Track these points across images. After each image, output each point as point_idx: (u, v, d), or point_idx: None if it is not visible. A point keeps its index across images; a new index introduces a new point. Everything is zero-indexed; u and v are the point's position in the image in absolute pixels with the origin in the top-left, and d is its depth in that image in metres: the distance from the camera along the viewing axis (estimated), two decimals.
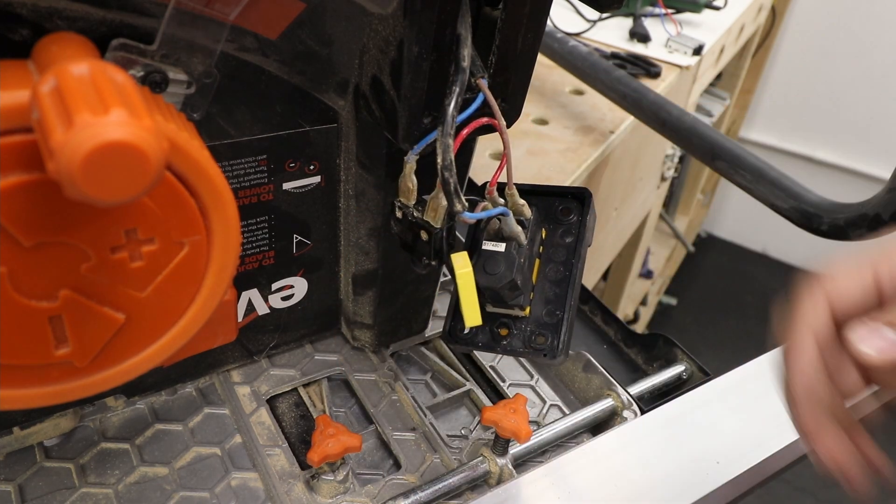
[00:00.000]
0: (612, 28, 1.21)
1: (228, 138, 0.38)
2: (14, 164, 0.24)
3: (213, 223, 0.29)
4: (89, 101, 0.21)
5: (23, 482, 0.43)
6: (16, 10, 0.28)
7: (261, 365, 0.53)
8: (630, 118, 0.91)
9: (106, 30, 0.30)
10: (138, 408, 0.49)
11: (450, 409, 0.53)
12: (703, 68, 1.21)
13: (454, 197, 0.33)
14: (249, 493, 0.44)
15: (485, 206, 0.38)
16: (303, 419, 0.50)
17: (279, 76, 0.37)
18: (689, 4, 1.25)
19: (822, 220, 0.61)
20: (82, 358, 0.29)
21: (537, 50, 0.37)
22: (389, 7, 0.33)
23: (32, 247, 0.26)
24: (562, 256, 0.42)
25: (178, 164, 0.27)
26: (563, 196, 0.43)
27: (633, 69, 1.04)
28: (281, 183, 0.42)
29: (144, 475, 0.45)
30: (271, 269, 0.47)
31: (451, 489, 0.45)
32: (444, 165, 0.32)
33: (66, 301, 0.27)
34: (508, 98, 0.38)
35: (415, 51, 0.33)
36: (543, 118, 0.93)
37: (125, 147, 0.21)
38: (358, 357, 0.55)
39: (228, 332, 0.38)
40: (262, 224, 0.44)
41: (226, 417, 0.49)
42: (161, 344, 0.31)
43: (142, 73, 0.30)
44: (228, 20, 0.31)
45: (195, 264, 0.30)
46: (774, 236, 2.29)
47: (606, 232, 1.06)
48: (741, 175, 0.67)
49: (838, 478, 0.30)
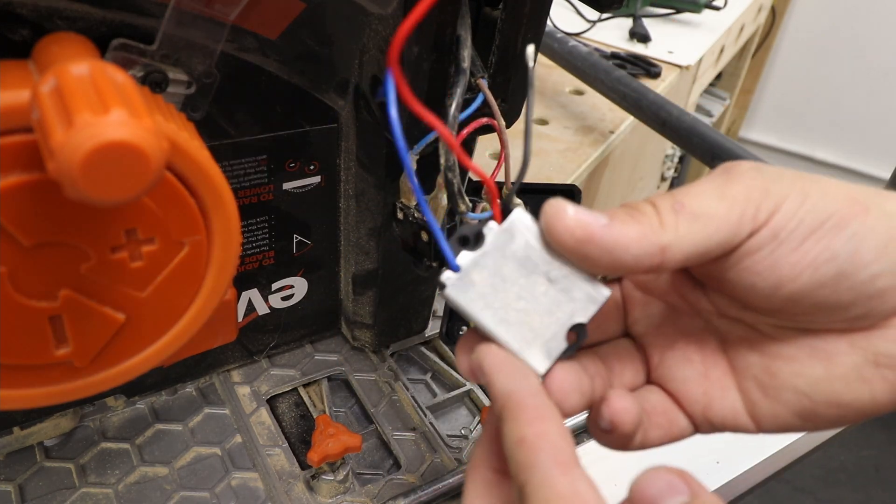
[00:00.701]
0: (612, 28, 1.21)
1: (228, 138, 0.38)
2: (14, 164, 0.24)
3: (214, 223, 0.29)
4: (89, 101, 0.21)
5: (23, 482, 0.43)
6: (16, 10, 0.28)
7: (261, 365, 0.53)
8: (630, 118, 0.91)
9: (106, 30, 0.30)
10: (138, 408, 0.49)
11: (450, 409, 0.53)
12: (703, 68, 1.21)
13: (458, 197, 0.33)
14: (249, 493, 0.44)
15: (483, 206, 0.38)
16: (303, 419, 0.50)
17: (279, 76, 0.37)
18: (689, 4, 1.25)
19: None
20: (82, 358, 0.29)
21: (537, 50, 0.37)
22: (389, 7, 0.33)
23: (32, 247, 0.26)
24: None
25: (179, 164, 0.27)
26: (552, 193, 0.43)
27: (633, 69, 1.04)
28: (281, 183, 0.42)
29: (144, 475, 0.45)
30: (271, 269, 0.47)
31: (451, 489, 0.45)
32: (447, 166, 0.32)
33: (67, 301, 0.27)
34: (508, 98, 0.38)
35: (415, 51, 0.33)
36: (543, 118, 0.93)
37: (125, 147, 0.21)
38: (358, 357, 0.55)
39: (228, 332, 0.38)
40: (262, 224, 0.44)
41: (226, 417, 0.49)
42: (161, 344, 0.31)
43: (142, 73, 0.30)
44: (228, 20, 0.31)
45: (195, 264, 0.30)
46: None
47: None
48: None
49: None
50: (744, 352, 0.29)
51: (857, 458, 1.70)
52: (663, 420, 0.29)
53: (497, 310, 0.26)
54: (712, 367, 0.29)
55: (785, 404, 0.27)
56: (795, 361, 0.27)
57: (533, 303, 0.26)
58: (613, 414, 0.27)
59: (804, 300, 0.25)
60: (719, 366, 0.29)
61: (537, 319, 0.27)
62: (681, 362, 0.30)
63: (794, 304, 0.26)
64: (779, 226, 0.25)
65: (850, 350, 0.26)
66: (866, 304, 0.25)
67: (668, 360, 0.30)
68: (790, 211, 0.25)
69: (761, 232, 0.25)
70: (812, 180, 0.26)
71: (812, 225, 0.25)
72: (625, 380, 0.30)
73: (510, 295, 0.26)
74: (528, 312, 0.26)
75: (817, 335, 0.27)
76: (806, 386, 0.27)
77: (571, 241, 0.25)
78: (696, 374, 0.29)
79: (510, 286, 0.26)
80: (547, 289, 0.26)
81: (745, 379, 0.28)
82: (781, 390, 0.27)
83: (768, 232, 0.25)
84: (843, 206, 0.25)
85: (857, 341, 0.26)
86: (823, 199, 0.25)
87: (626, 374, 0.30)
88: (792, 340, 0.27)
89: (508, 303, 0.26)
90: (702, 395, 0.29)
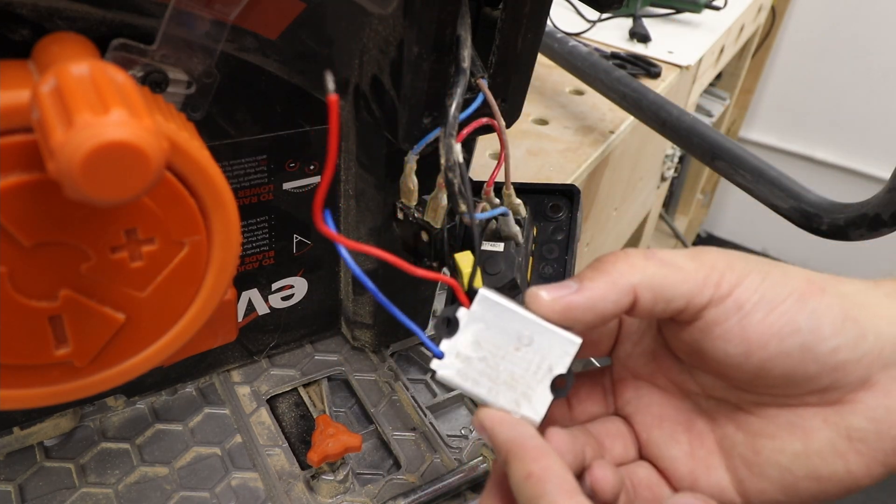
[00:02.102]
0: (612, 28, 1.21)
1: (228, 138, 0.38)
2: (14, 164, 0.24)
3: (214, 223, 0.29)
4: (89, 101, 0.21)
5: (23, 482, 0.43)
6: (16, 10, 0.28)
7: (261, 365, 0.53)
8: (630, 118, 0.91)
9: (106, 30, 0.30)
10: (138, 408, 0.49)
11: (450, 409, 0.53)
12: (703, 68, 1.21)
13: (459, 198, 0.33)
14: (249, 493, 0.44)
15: (483, 206, 0.38)
16: (303, 419, 0.50)
17: (279, 76, 0.37)
18: (689, 4, 1.25)
19: (822, 220, 0.61)
20: (82, 358, 0.29)
21: (537, 50, 0.37)
22: (389, 7, 0.33)
23: (32, 247, 0.26)
24: (554, 253, 0.42)
25: (179, 164, 0.27)
26: (551, 193, 0.43)
27: (633, 69, 1.04)
28: (281, 183, 0.42)
29: (144, 475, 0.45)
30: (271, 269, 0.47)
31: (451, 489, 0.45)
32: (447, 166, 0.32)
33: (66, 301, 0.27)
34: (508, 98, 0.38)
35: (415, 51, 0.33)
36: (543, 118, 0.93)
37: (125, 147, 0.21)
38: (358, 357, 0.55)
39: (228, 332, 0.38)
40: (262, 224, 0.44)
41: (226, 417, 0.49)
42: (161, 344, 0.31)
43: (142, 73, 0.30)
44: (228, 20, 0.31)
45: (195, 264, 0.30)
46: (774, 236, 2.29)
47: (606, 232, 1.06)
48: (741, 175, 0.67)
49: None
50: (730, 430, 0.31)
51: None
52: (648, 494, 0.31)
53: (485, 379, 0.29)
54: (699, 447, 0.32)
55: (770, 480, 0.30)
56: (777, 438, 0.29)
57: (515, 365, 0.29)
58: (594, 481, 0.29)
59: (774, 369, 0.28)
60: (706, 445, 0.32)
61: (522, 378, 0.29)
62: (668, 442, 0.32)
63: (766, 373, 0.28)
64: (742, 298, 0.27)
65: (824, 426, 0.28)
66: (830, 375, 0.28)
67: (657, 439, 0.32)
68: (752, 285, 0.28)
69: (726, 302, 0.28)
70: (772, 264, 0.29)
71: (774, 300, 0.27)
72: (615, 454, 0.32)
73: (493, 363, 0.29)
74: (513, 374, 0.29)
75: (793, 410, 0.29)
76: (787, 461, 0.29)
77: (557, 317, 0.28)
78: (682, 453, 0.32)
79: (491, 356, 0.29)
80: (524, 350, 0.29)
81: (733, 457, 0.31)
82: (765, 466, 0.30)
83: (733, 303, 0.28)
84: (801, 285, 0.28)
85: (829, 417, 0.28)
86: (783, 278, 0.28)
87: (616, 448, 0.33)
88: (772, 417, 0.30)
89: (493, 370, 0.29)
90: (688, 473, 0.31)
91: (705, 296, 0.28)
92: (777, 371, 0.28)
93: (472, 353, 0.29)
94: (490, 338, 0.29)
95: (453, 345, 0.29)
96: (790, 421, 0.29)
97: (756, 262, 0.29)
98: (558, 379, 0.29)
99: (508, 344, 0.29)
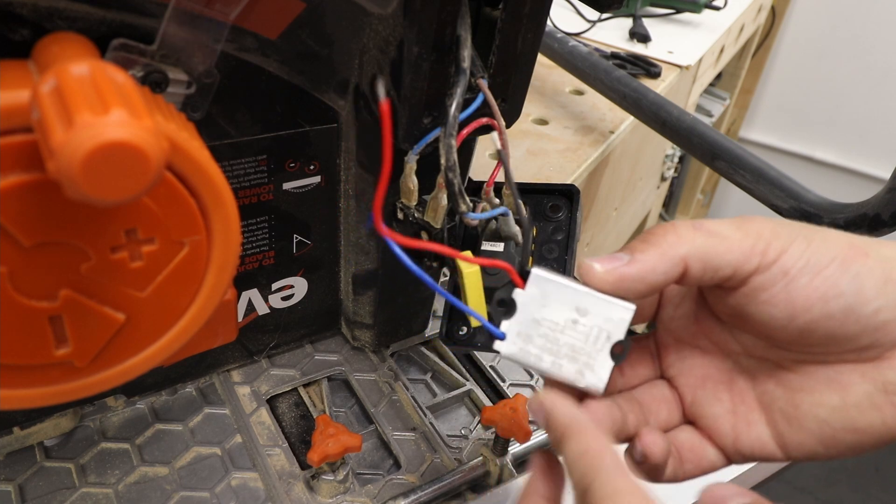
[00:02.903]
0: (612, 28, 1.21)
1: (228, 138, 0.38)
2: (14, 164, 0.24)
3: (214, 223, 0.29)
4: (89, 101, 0.21)
5: (23, 482, 0.43)
6: (16, 10, 0.28)
7: (261, 365, 0.53)
8: (630, 118, 0.92)
9: (106, 30, 0.30)
10: (138, 408, 0.49)
11: (450, 409, 0.53)
12: (703, 68, 1.21)
13: (459, 198, 0.33)
14: (249, 492, 0.44)
15: (483, 206, 0.38)
16: (303, 419, 0.50)
17: (279, 76, 0.37)
18: (689, 4, 1.25)
19: (822, 220, 0.61)
20: (82, 358, 0.29)
21: (537, 50, 0.37)
22: (389, 7, 0.33)
23: (32, 247, 0.26)
24: (554, 253, 0.42)
25: (179, 164, 0.27)
26: (551, 193, 0.43)
27: (633, 69, 1.04)
28: (281, 183, 0.42)
29: (144, 475, 0.45)
30: (271, 269, 0.47)
31: (451, 489, 0.45)
32: (447, 166, 0.32)
33: (66, 301, 0.27)
34: (508, 98, 0.38)
35: (415, 51, 0.33)
36: (543, 118, 0.93)
37: (125, 147, 0.21)
38: (358, 357, 0.55)
39: (228, 332, 0.38)
40: (262, 224, 0.44)
41: (226, 417, 0.49)
42: (161, 344, 0.31)
43: (142, 73, 0.30)
44: (228, 20, 0.31)
45: (195, 264, 0.30)
46: None
47: (606, 232, 1.06)
48: (741, 175, 0.67)
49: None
50: (770, 387, 0.32)
51: (857, 458, 1.70)
52: (692, 456, 0.33)
53: (547, 354, 0.31)
54: (740, 403, 0.33)
55: (808, 432, 0.31)
56: (815, 392, 0.31)
57: (573, 337, 0.31)
58: (644, 446, 0.31)
59: (817, 331, 0.29)
60: (746, 401, 0.33)
61: (582, 349, 0.31)
62: (711, 400, 0.33)
63: (808, 335, 0.29)
64: (788, 264, 0.28)
65: (862, 380, 0.29)
66: (872, 335, 0.28)
67: (700, 399, 0.33)
68: (797, 252, 0.29)
69: (772, 269, 0.28)
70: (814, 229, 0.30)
71: (818, 265, 0.28)
72: (660, 418, 0.34)
73: (553, 337, 0.31)
74: (573, 346, 0.31)
75: (832, 367, 0.30)
76: (826, 414, 0.30)
77: (610, 287, 0.29)
78: (724, 410, 0.33)
79: (550, 331, 0.31)
80: (581, 322, 0.31)
81: (773, 412, 0.32)
82: (804, 420, 0.31)
83: (779, 269, 0.28)
84: (844, 250, 0.29)
85: (867, 371, 0.29)
86: (825, 244, 0.29)
87: (661, 413, 0.34)
88: (810, 374, 0.31)
89: (554, 344, 0.31)
90: (730, 429, 0.32)
91: (752, 263, 0.29)
92: (820, 332, 0.29)
93: (532, 330, 0.31)
94: (547, 314, 0.31)
95: (513, 324, 0.31)
96: (829, 376, 0.30)
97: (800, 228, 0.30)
98: (616, 345, 0.30)
99: (565, 317, 0.31)
